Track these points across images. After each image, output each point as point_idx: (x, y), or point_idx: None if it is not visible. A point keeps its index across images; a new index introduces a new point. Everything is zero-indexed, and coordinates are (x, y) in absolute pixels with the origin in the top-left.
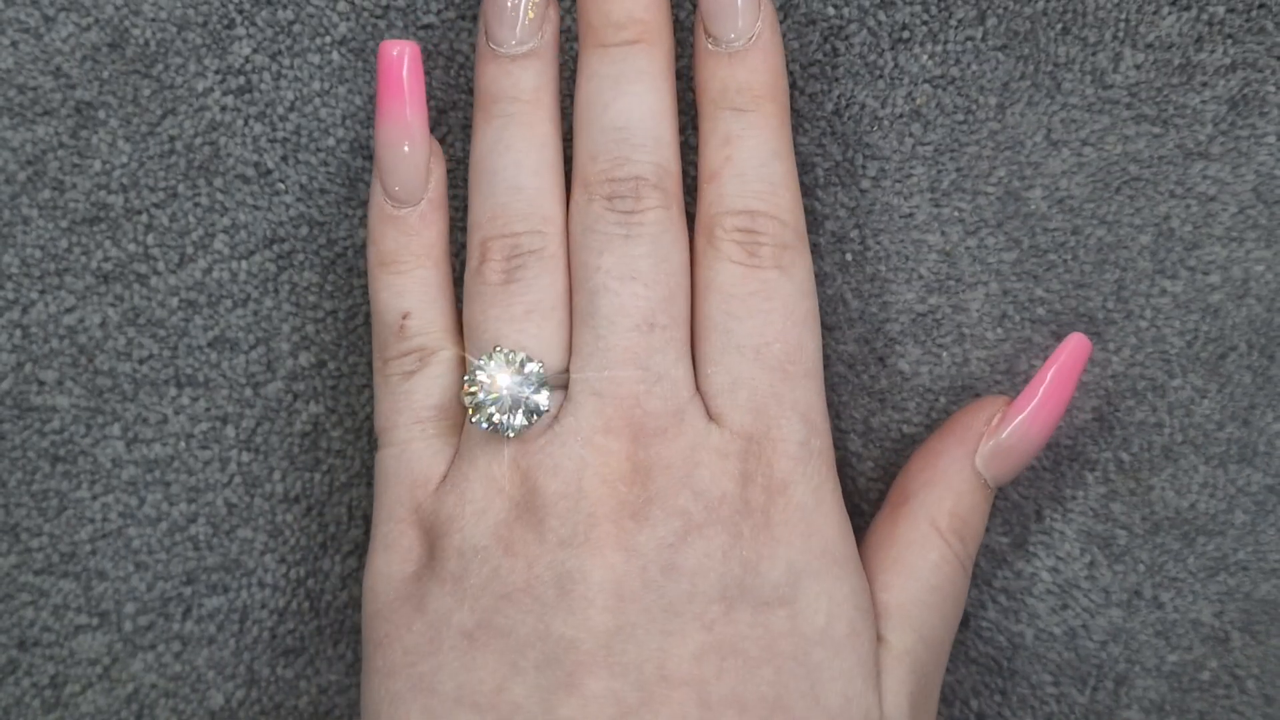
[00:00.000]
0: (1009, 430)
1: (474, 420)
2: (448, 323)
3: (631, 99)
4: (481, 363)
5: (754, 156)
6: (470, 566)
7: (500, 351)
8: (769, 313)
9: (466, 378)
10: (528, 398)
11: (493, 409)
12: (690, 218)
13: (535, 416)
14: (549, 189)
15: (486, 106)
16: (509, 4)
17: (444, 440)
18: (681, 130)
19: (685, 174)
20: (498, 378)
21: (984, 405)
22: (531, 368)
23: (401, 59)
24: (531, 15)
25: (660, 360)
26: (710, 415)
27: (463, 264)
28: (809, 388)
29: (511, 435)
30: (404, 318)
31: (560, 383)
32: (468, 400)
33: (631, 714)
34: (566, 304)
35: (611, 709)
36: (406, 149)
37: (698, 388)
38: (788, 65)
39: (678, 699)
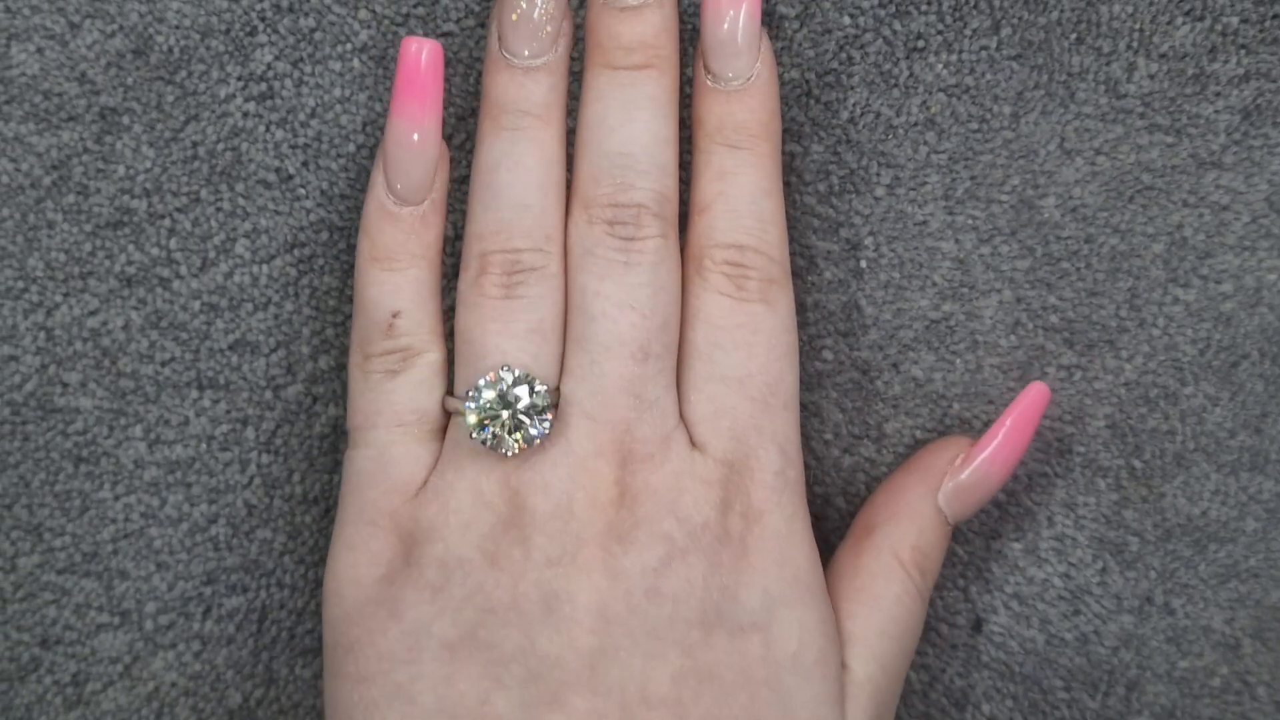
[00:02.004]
0: (970, 470)
1: (475, 436)
2: (435, 325)
3: (638, 125)
4: (490, 379)
5: (746, 193)
6: (453, 577)
7: (510, 370)
8: (753, 345)
9: (471, 391)
10: (532, 419)
11: (497, 426)
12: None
13: (535, 439)
14: (553, 208)
15: (496, 116)
16: (524, 13)
17: (423, 445)
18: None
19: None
20: (508, 396)
21: (947, 445)
22: (540, 390)
23: (421, 55)
24: (549, 29)
25: (652, 388)
26: (693, 442)
27: (451, 268)
28: (786, 420)
29: (510, 455)
30: (394, 316)
31: (552, 400)
32: (470, 412)
33: None
34: (563, 323)
35: None
36: (417, 146)
37: (681, 413)
38: (804, 73)
39: None
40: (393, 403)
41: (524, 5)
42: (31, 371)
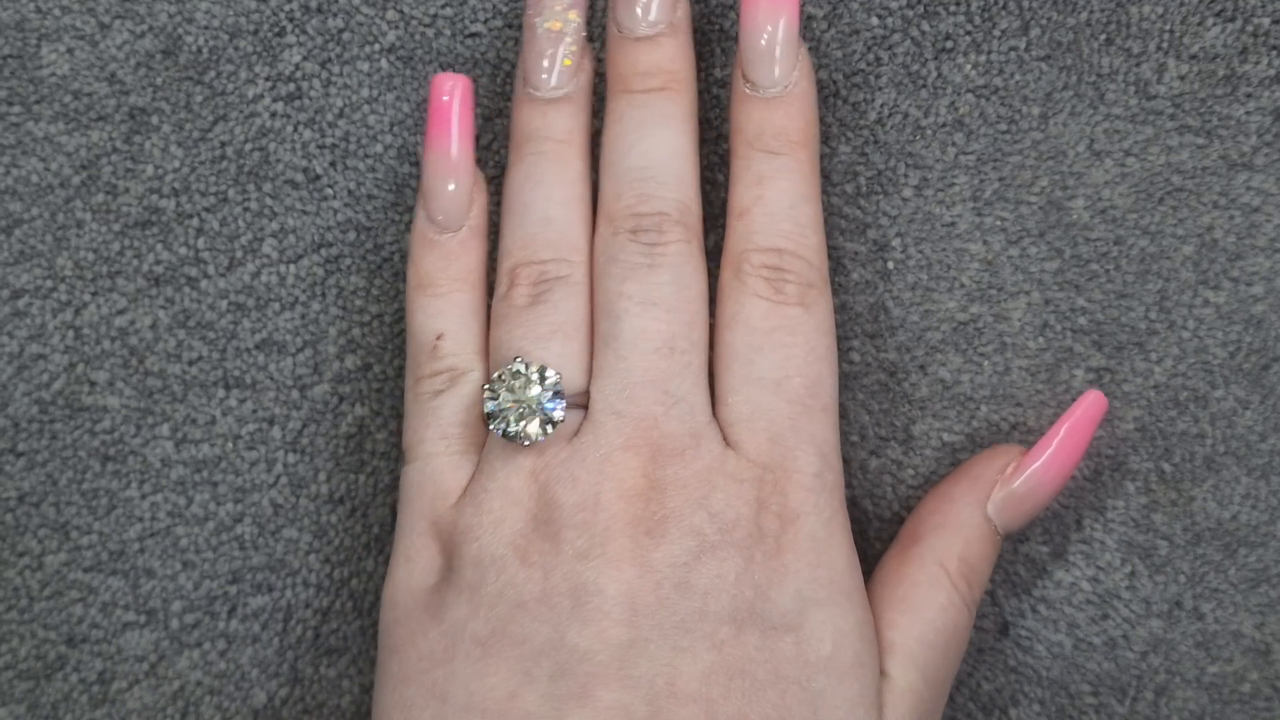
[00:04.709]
0: (1021, 479)
1: (491, 427)
2: (479, 345)
3: (655, 140)
4: (501, 373)
5: (784, 198)
6: (486, 575)
7: (519, 361)
8: (791, 347)
9: (486, 387)
10: (544, 407)
11: (510, 417)
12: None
13: (551, 427)
14: (577, 221)
15: (520, 146)
16: (546, 51)
17: (466, 456)
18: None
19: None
20: (515, 386)
21: (998, 453)
22: (550, 378)
23: (454, 93)
24: (568, 62)
25: (679, 384)
26: (728, 442)
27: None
28: (825, 422)
29: (527, 444)
30: (438, 339)
31: (581, 402)
32: (487, 408)
33: None
34: (589, 328)
35: None
36: (451, 182)
37: (717, 415)
38: (832, 74)
39: (685, 715)
40: (439, 419)
41: (545, 43)
42: (60, 370)
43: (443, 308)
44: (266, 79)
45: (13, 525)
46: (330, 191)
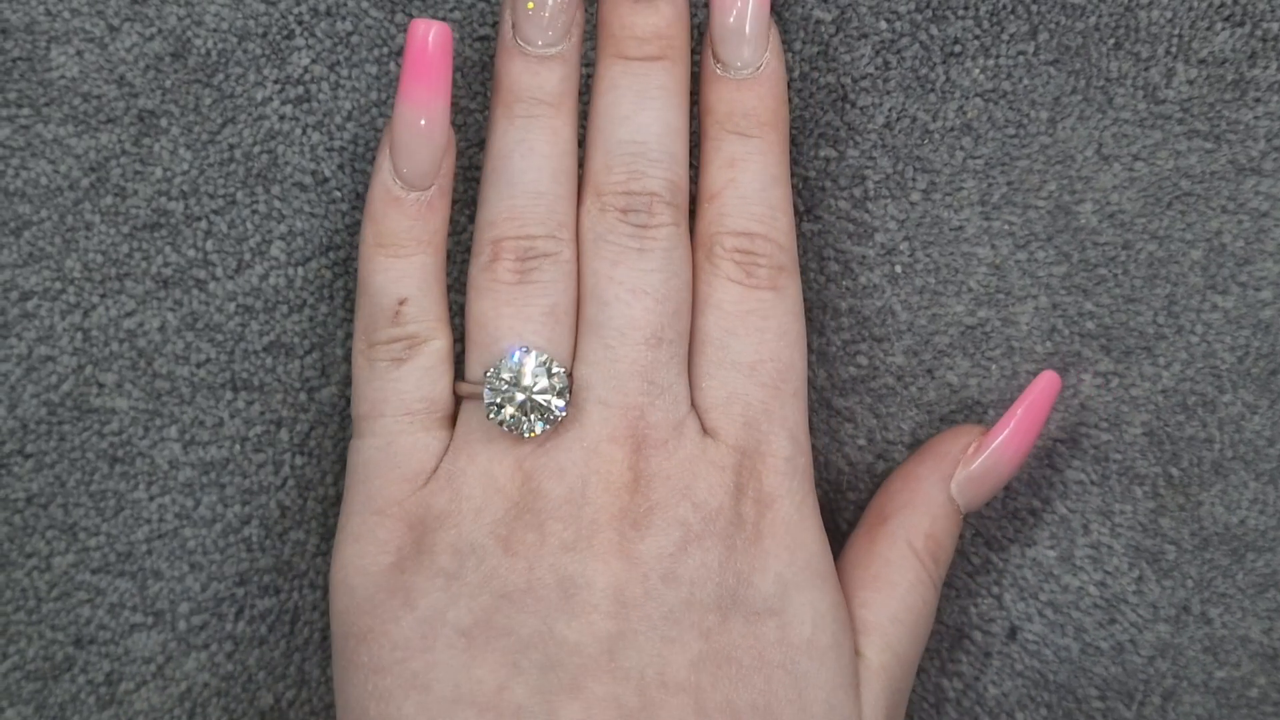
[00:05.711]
0: (980, 460)
1: (492, 418)
2: (441, 312)
3: (650, 114)
4: (511, 362)
5: (756, 180)
6: (466, 563)
7: (529, 353)
8: (764, 331)
9: (489, 374)
10: (550, 401)
11: (514, 409)
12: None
13: (551, 421)
14: (565, 195)
15: (509, 104)
16: (541, 4)
17: (431, 434)
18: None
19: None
20: (525, 378)
21: (960, 433)
22: (557, 372)
23: (429, 38)
24: (563, 18)
25: (664, 374)
26: (704, 428)
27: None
28: (796, 406)
29: (528, 436)
30: (400, 303)
31: (567, 384)
32: (488, 395)
33: (631, 718)
34: (575, 310)
35: (613, 713)
36: (424, 130)
37: (692, 400)
38: (840, 78)
39: (676, 705)
40: (400, 391)
41: None
42: (68, 372)
43: (406, 270)
44: (275, 82)
45: (21, 526)
46: (339, 194)
